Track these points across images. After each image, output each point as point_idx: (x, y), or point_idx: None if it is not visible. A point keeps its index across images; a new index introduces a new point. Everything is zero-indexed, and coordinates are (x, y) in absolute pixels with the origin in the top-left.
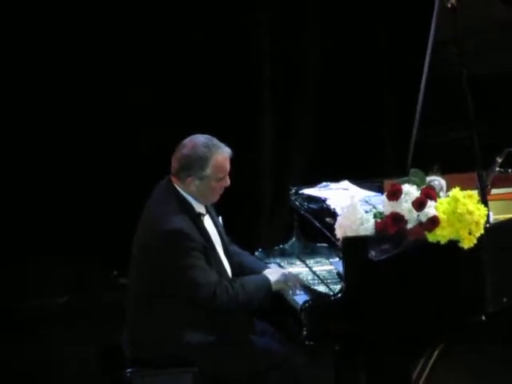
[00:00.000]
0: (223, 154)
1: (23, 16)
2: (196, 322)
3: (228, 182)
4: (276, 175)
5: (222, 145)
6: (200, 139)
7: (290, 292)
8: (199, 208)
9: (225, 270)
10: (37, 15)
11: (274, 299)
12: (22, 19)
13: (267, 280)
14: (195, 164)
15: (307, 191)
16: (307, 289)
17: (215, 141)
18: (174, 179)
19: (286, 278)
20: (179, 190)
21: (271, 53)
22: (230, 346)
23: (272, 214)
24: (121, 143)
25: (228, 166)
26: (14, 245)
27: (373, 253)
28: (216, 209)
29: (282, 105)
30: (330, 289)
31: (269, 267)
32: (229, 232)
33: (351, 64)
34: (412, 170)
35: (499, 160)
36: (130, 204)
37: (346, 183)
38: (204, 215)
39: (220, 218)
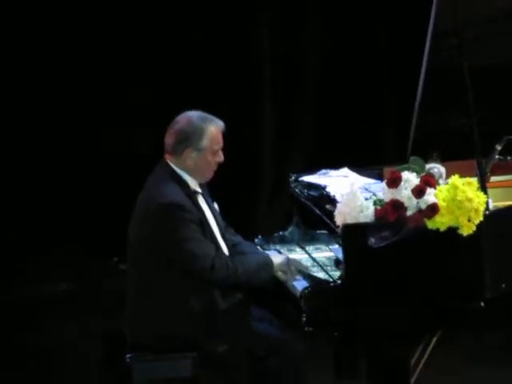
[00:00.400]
0: (217, 125)
1: (20, 16)
2: (194, 307)
3: (222, 157)
4: (276, 162)
5: (214, 117)
6: (193, 113)
7: (290, 277)
8: (194, 186)
9: (221, 247)
10: (34, 15)
11: (274, 285)
12: (19, 19)
13: (269, 260)
14: (192, 136)
15: (307, 178)
16: (307, 275)
17: (208, 114)
18: (168, 157)
19: (289, 262)
20: (174, 167)
21: (271, 53)
22: (229, 332)
23: (272, 201)
24: (119, 138)
25: (221, 138)
26: (16, 234)
27: (372, 240)
28: (212, 195)
29: (282, 103)
30: (329, 275)
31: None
32: (229, 219)
33: (352, 55)
34: (412, 158)
35: (498, 147)
36: (130, 192)
37: (345, 170)
38: (199, 193)
39: (216, 205)
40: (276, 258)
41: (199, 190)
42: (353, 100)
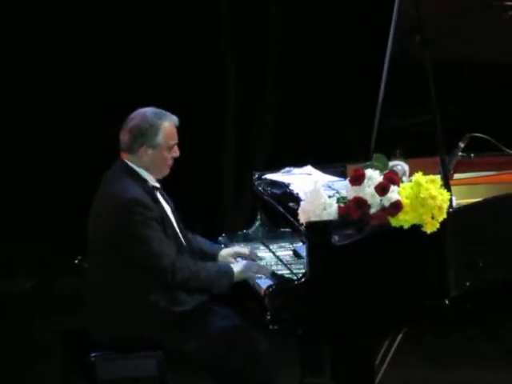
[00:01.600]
0: (171, 121)
1: None
2: (158, 305)
3: (178, 152)
4: (238, 161)
5: (168, 113)
6: (147, 110)
7: (254, 279)
8: (152, 182)
9: (183, 245)
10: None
11: (237, 285)
12: None
13: (230, 269)
14: (147, 132)
15: (270, 176)
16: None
17: (161, 110)
18: (124, 155)
19: (249, 267)
20: (131, 164)
21: (233, 47)
22: (192, 329)
23: (235, 200)
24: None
25: (176, 134)
26: None
27: (336, 237)
28: (175, 193)
29: (245, 99)
30: (293, 273)
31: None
32: (192, 217)
33: (313, 50)
34: (375, 155)
35: (462, 145)
36: (93, 189)
37: (309, 168)
38: (157, 188)
39: (172, 204)
40: (236, 265)
41: (157, 185)
42: (315, 97)
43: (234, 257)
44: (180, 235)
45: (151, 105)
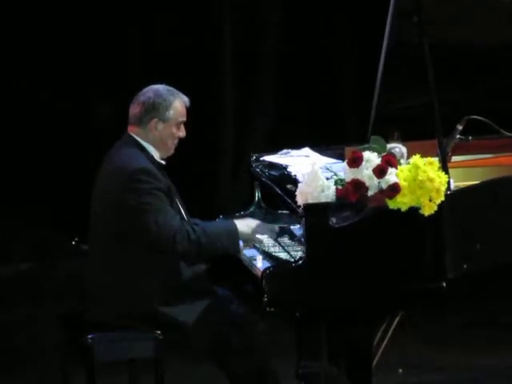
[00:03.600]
0: (183, 99)
1: None
2: (158, 281)
3: (184, 132)
4: (237, 142)
5: (180, 92)
6: (159, 86)
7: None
8: (158, 159)
9: (186, 219)
10: None
11: (235, 267)
12: None
13: (233, 225)
14: (159, 105)
15: (268, 158)
16: (268, 256)
17: (174, 88)
18: (133, 129)
19: (254, 226)
20: (138, 139)
21: (232, 29)
22: (192, 308)
23: (233, 181)
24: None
25: (186, 113)
26: None
27: (334, 220)
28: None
29: (243, 81)
30: (291, 255)
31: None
32: (190, 199)
33: (312, 32)
34: (373, 137)
35: (460, 127)
36: (91, 172)
37: (306, 150)
38: (163, 166)
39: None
40: (239, 222)
41: (163, 162)
42: (313, 80)
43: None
44: (183, 209)
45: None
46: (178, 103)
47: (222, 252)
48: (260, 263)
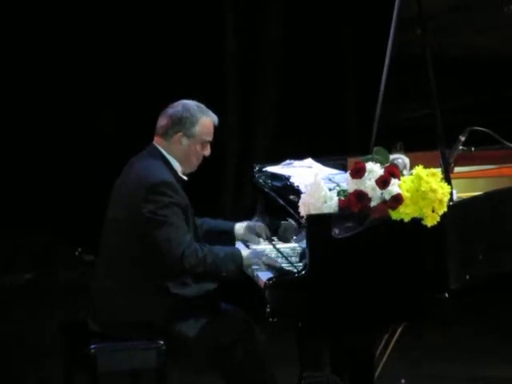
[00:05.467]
0: (212, 117)
1: None
2: (162, 293)
3: (209, 150)
4: (240, 153)
5: (210, 111)
6: (190, 101)
7: (259, 267)
8: (181, 174)
9: (198, 235)
10: None
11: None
12: None
13: (238, 252)
14: (186, 120)
15: (271, 169)
16: (271, 266)
17: (204, 106)
18: (158, 140)
19: (259, 254)
20: (163, 151)
21: (235, 27)
22: (196, 318)
23: (236, 192)
24: (85, 121)
25: (213, 132)
26: None
27: (336, 230)
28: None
29: (246, 83)
30: (293, 266)
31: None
32: (193, 209)
33: (314, 42)
34: (375, 148)
35: (462, 138)
36: (97, 183)
37: (309, 161)
38: (184, 182)
39: None
40: (245, 251)
41: (185, 178)
42: (316, 90)
43: (248, 230)
44: (197, 227)
45: (164, 94)
46: (206, 121)
47: (225, 275)
48: (263, 273)
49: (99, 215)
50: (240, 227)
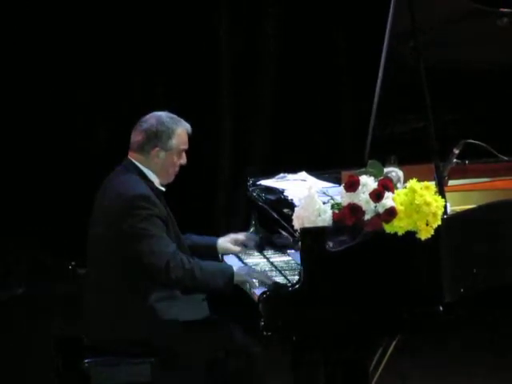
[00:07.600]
0: (185, 126)
1: None
2: (153, 306)
3: (185, 159)
4: (233, 166)
5: (182, 120)
6: (162, 113)
7: (252, 285)
8: (158, 185)
9: (184, 246)
10: None
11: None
12: None
13: (229, 268)
14: (162, 134)
15: (265, 182)
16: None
17: (175, 115)
18: (134, 155)
19: (250, 271)
20: (139, 165)
21: (228, 52)
22: (189, 333)
23: (230, 205)
24: (75, 135)
25: (187, 140)
26: None
27: (330, 244)
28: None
29: (239, 106)
30: (287, 279)
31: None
32: (186, 222)
33: (309, 55)
34: (369, 162)
35: (456, 151)
36: (87, 196)
37: (303, 174)
38: (163, 193)
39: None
40: (237, 268)
41: (163, 189)
42: (310, 104)
43: (232, 243)
44: (179, 239)
45: (157, 107)
46: (181, 131)
47: (213, 288)
48: (257, 287)
49: None
50: (223, 241)
